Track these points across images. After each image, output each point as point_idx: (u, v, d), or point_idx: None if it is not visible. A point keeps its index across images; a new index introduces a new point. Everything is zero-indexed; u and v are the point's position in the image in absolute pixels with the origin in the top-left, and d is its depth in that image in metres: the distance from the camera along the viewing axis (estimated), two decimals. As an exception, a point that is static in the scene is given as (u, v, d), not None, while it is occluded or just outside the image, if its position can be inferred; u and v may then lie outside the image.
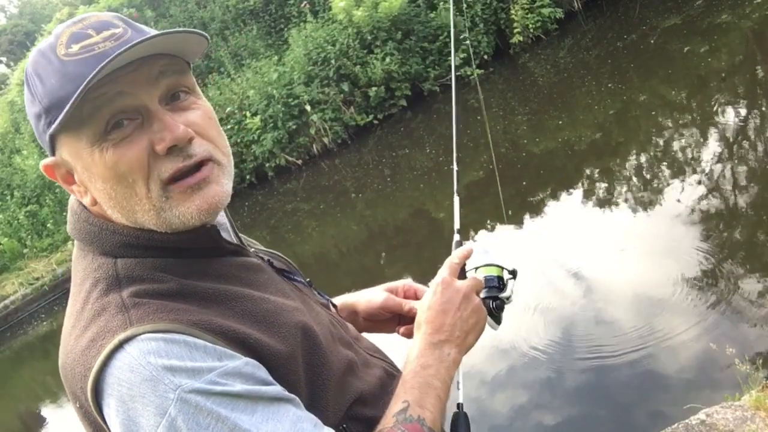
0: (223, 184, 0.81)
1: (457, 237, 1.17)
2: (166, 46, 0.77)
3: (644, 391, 3.20)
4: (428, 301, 0.96)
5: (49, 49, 0.76)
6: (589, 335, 3.82)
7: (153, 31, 0.79)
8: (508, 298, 1.07)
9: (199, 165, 0.78)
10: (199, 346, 0.69)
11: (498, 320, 1.06)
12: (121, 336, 0.69)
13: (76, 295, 0.80)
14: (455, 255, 1.03)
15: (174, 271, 0.78)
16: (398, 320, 1.15)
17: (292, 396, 0.73)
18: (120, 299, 0.74)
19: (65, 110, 0.71)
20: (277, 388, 0.72)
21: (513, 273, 1.09)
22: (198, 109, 0.81)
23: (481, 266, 1.09)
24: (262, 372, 0.73)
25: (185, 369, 0.67)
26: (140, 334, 0.69)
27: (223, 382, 0.68)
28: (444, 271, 0.99)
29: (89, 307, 0.76)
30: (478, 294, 0.99)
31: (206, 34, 0.79)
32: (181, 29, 0.76)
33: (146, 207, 0.77)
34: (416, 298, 1.15)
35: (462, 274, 1.02)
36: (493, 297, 1.05)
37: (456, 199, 1.28)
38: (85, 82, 0.69)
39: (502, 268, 1.09)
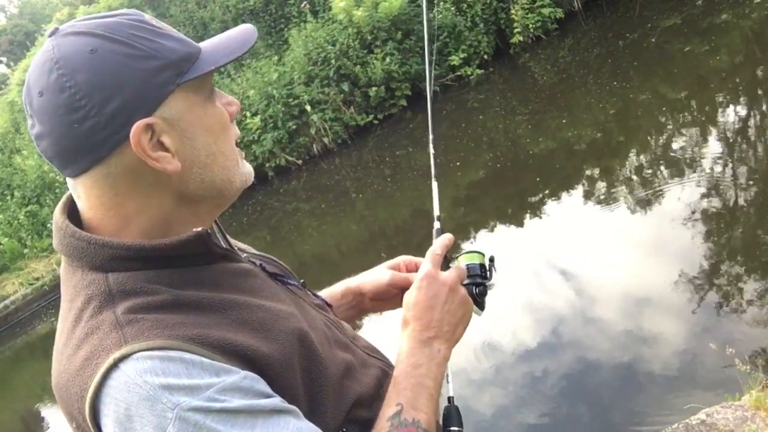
0: None
1: (437, 224, 1.15)
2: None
3: (644, 391, 3.20)
4: (414, 297, 0.94)
5: (138, 20, 0.77)
6: (587, 335, 3.82)
7: None
8: (489, 281, 1.06)
9: None
10: (196, 362, 0.68)
11: (482, 306, 1.04)
12: (116, 354, 0.68)
13: (67, 313, 0.78)
14: (437, 246, 1.01)
15: (167, 282, 0.77)
16: (402, 295, 1.16)
17: (292, 407, 0.73)
18: (114, 316, 0.72)
19: (226, 60, 0.79)
20: (275, 400, 0.71)
21: (491, 258, 1.07)
22: None
23: (462, 254, 1.07)
24: (261, 384, 0.72)
25: (183, 387, 0.66)
26: (135, 353, 0.68)
27: (222, 399, 0.67)
28: (427, 265, 0.97)
29: (82, 325, 0.74)
30: (462, 283, 0.98)
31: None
32: (250, 38, 0.84)
33: (235, 160, 0.84)
34: (417, 270, 1.15)
35: (444, 264, 1.00)
36: (476, 283, 1.03)
37: (434, 185, 1.24)
38: (249, 47, 0.81)
39: (483, 255, 1.07)
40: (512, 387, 3.72)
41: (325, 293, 1.14)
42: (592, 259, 4.49)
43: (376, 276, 1.16)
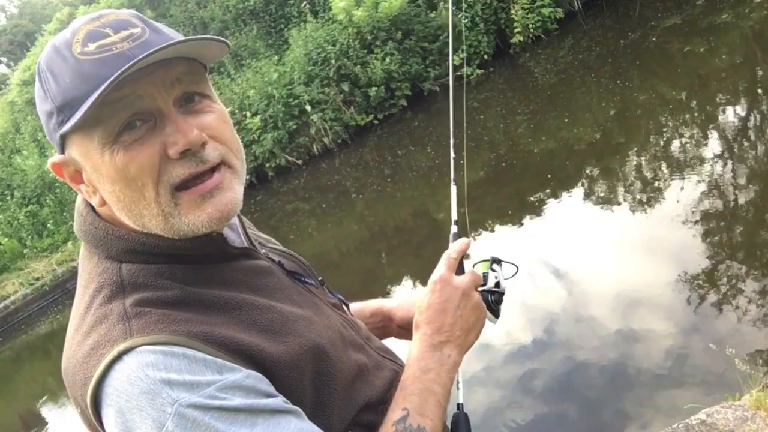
0: (236, 190, 0.79)
1: (454, 229, 1.13)
2: (187, 51, 0.76)
3: (645, 391, 3.20)
4: (426, 300, 0.93)
5: (64, 45, 0.74)
6: (587, 335, 3.82)
7: (170, 31, 0.78)
8: (502, 291, 1.05)
9: (212, 170, 0.77)
10: (199, 359, 0.69)
11: (497, 314, 1.03)
12: (121, 347, 0.69)
13: (81, 297, 0.80)
14: (453, 249, 0.99)
15: (179, 278, 0.77)
16: None
17: (295, 407, 0.72)
18: (122, 308, 0.73)
19: (82, 111, 0.69)
20: (278, 401, 0.71)
21: (497, 260, 1.06)
22: (212, 113, 0.80)
23: (478, 262, 1.06)
24: (264, 384, 0.71)
25: (183, 383, 0.66)
26: (139, 346, 0.69)
27: (222, 396, 0.67)
28: (441, 268, 0.95)
29: (92, 312, 0.75)
30: (476, 289, 0.96)
31: (227, 42, 0.78)
32: (204, 36, 0.75)
33: (154, 212, 0.75)
34: None
35: (460, 269, 0.98)
36: (491, 291, 1.02)
37: (453, 188, 1.22)
38: (105, 84, 0.68)
39: (500, 263, 1.06)
40: (516, 387, 3.72)
41: (357, 307, 1.13)
42: (592, 259, 4.49)
43: (411, 306, 1.12)
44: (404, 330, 1.14)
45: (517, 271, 1.09)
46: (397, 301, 1.18)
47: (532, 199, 6.10)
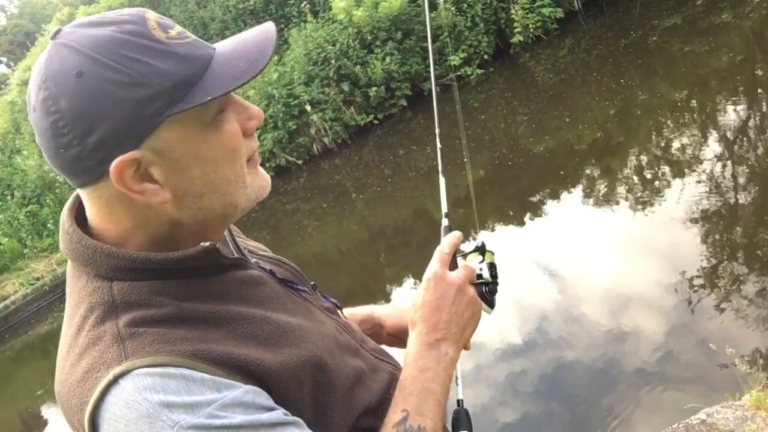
0: None
1: (445, 222, 1.11)
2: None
3: (645, 390, 3.20)
4: (421, 297, 0.93)
5: (136, 34, 0.71)
6: (587, 335, 3.82)
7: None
8: (497, 282, 1.04)
9: None
10: (197, 378, 0.68)
11: (492, 305, 1.02)
12: (116, 370, 0.68)
13: (71, 318, 0.77)
14: (445, 244, 0.98)
15: (172, 294, 0.76)
16: None
17: (295, 418, 0.72)
18: (116, 328, 0.72)
19: (227, 88, 0.74)
20: (278, 413, 0.71)
21: (480, 248, 1.05)
22: None
23: (469, 253, 1.05)
24: (263, 398, 0.71)
25: (183, 404, 0.66)
26: (135, 369, 0.67)
27: (223, 415, 0.66)
28: (435, 264, 0.95)
29: (84, 334, 0.74)
30: (471, 283, 0.95)
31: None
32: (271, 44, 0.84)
33: (241, 182, 0.79)
34: None
35: (453, 263, 0.97)
36: (485, 282, 1.01)
37: (442, 180, 1.20)
38: (257, 71, 0.78)
39: (493, 253, 1.05)
40: (518, 387, 3.72)
41: (347, 313, 1.12)
42: (592, 259, 4.49)
43: (402, 314, 1.13)
44: (394, 338, 1.13)
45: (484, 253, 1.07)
46: (387, 308, 1.17)
47: (532, 198, 6.10)
